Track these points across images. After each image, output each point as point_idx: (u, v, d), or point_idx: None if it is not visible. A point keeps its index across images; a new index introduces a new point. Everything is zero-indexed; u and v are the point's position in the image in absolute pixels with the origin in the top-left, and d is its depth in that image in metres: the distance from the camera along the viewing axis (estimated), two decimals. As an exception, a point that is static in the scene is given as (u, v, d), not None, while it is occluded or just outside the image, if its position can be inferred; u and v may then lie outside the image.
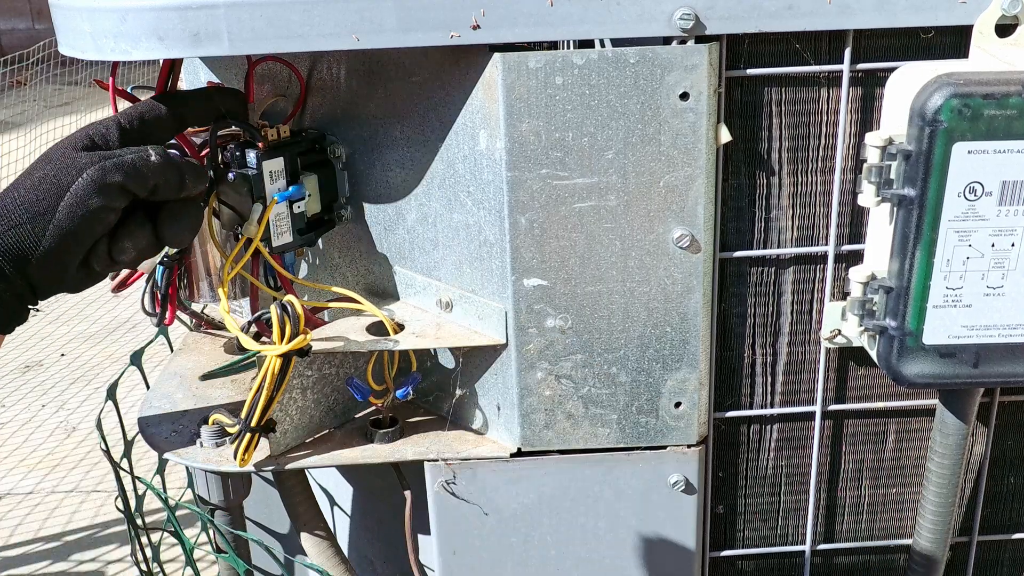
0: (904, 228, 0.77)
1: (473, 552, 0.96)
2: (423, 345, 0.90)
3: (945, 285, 0.78)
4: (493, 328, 0.88)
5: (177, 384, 1.06)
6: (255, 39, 0.76)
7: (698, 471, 0.92)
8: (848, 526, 0.99)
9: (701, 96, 0.79)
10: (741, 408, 0.93)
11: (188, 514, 1.89)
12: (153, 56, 0.77)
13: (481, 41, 0.77)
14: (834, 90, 0.83)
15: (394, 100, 0.88)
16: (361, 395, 0.93)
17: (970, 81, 0.72)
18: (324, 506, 1.19)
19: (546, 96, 0.79)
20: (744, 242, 0.87)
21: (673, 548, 0.95)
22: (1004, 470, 0.97)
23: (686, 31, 0.77)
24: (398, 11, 0.76)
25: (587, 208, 0.82)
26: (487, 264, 0.87)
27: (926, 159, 0.74)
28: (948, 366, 0.80)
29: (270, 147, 0.87)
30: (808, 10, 0.77)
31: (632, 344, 0.87)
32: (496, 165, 0.82)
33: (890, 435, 0.95)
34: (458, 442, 0.94)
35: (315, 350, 0.88)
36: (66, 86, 6.20)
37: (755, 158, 0.84)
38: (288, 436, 0.93)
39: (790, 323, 0.90)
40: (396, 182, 0.92)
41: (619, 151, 0.81)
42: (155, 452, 0.97)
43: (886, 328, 0.80)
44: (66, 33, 0.81)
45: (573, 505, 0.93)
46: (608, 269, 0.84)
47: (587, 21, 0.76)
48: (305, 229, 0.92)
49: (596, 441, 0.91)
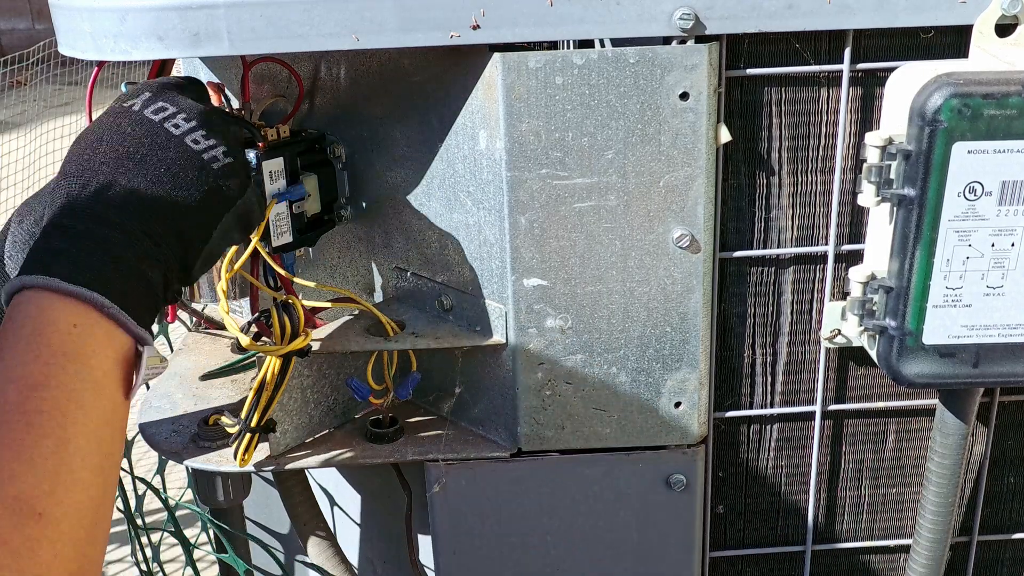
0: (904, 228, 0.77)
1: (473, 552, 0.96)
2: (423, 345, 0.90)
3: (945, 285, 0.78)
4: (493, 328, 0.88)
5: (177, 384, 1.06)
6: (255, 39, 0.76)
7: (698, 471, 0.92)
8: (848, 526, 0.99)
9: (701, 96, 0.79)
10: (741, 408, 0.93)
11: (188, 514, 1.89)
12: (153, 56, 0.77)
13: (481, 41, 0.77)
14: (834, 90, 0.83)
15: (394, 100, 0.88)
16: (361, 395, 0.93)
17: (970, 81, 0.72)
18: (324, 506, 1.18)
19: (546, 96, 0.79)
20: (744, 242, 0.87)
21: (673, 548, 0.95)
22: (1004, 470, 0.97)
23: (686, 31, 0.77)
24: (398, 11, 0.76)
25: (587, 208, 0.82)
26: (487, 264, 0.87)
27: (926, 159, 0.74)
28: (948, 366, 0.80)
29: (270, 147, 0.87)
30: (808, 10, 0.77)
31: (632, 344, 0.87)
32: (496, 165, 0.82)
33: (890, 435, 0.95)
34: (458, 442, 0.94)
35: (315, 350, 0.88)
36: (66, 86, 6.19)
37: (755, 158, 0.85)
38: (288, 436, 0.93)
39: (790, 323, 0.90)
40: (396, 182, 0.92)
41: (619, 151, 0.81)
42: (155, 452, 0.97)
43: (886, 328, 0.80)
44: (66, 33, 0.81)
45: (573, 505, 0.93)
46: (608, 269, 0.84)
47: (587, 21, 0.76)
48: (305, 229, 0.91)
49: (596, 441, 0.91)
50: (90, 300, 0.60)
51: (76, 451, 0.56)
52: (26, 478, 0.53)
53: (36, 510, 0.52)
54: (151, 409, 1.01)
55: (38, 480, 0.53)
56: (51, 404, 0.56)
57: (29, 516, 0.52)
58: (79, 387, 0.57)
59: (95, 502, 0.56)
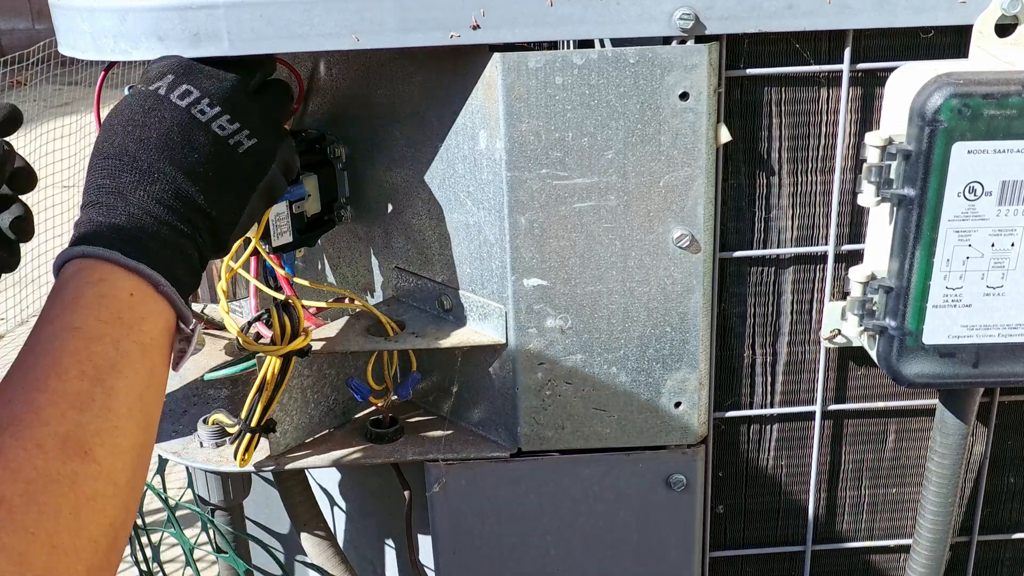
0: (904, 228, 0.77)
1: (473, 552, 0.96)
2: (423, 345, 0.90)
3: (945, 285, 0.78)
4: (493, 328, 0.88)
5: (177, 384, 1.06)
6: (255, 39, 0.76)
7: (698, 471, 0.92)
8: (848, 526, 0.99)
9: (701, 96, 0.79)
10: (741, 408, 0.93)
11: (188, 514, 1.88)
12: (153, 56, 0.77)
13: (481, 41, 0.77)
14: (834, 90, 0.83)
15: (394, 100, 0.88)
16: (361, 395, 0.93)
17: (970, 81, 0.72)
18: (324, 506, 1.18)
19: (546, 96, 0.79)
20: (744, 242, 0.87)
21: (673, 548, 0.95)
22: (1004, 470, 0.97)
23: (686, 31, 0.77)
24: (398, 11, 0.76)
25: (587, 208, 0.82)
26: (487, 264, 0.87)
27: (926, 159, 0.74)
28: (948, 366, 0.80)
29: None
30: (808, 10, 0.77)
31: (632, 344, 0.87)
32: (496, 165, 0.82)
33: (890, 435, 0.95)
34: (458, 442, 0.94)
35: (315, 350, 0.88)
36: (66, 86, 6.19)
37: (755, 158, 0.84)
38: (288, 436, 0.93)
39: (790, 323, 0.90)
40: (396, 182, 0.92)
41: (619, 151, 0.81)
42: (155, 452, 0.97)
43: (886, 328, 0.80)
44: (66, 33, 0.81)
45: (573, 505, 0.93)
46: (608, 269, 0.84)
47: (587, 21, 0.76)
48: (305, 229, 0.91)
49: (596, 441, 0.91)
50: (148, 276, 0.66)
51: (123, 401, 0.61)
52: (77, 419, 0.57)
53: (83, 448, 0.57)
54: (151, 409, 1.01)
55: (87, 421, 0.58)
56: (104, 358, 0.61)
57: (76, 453, 0.56)
58: (129, 347, 0.63)
59: (135, 452, 0.61)
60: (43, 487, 0.53)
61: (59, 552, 0.52)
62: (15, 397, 0.57)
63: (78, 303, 0.63)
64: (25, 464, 0.54)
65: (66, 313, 0.63)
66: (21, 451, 0.54)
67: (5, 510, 0.51)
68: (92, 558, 0.54)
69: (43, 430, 0.56)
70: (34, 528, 0.52)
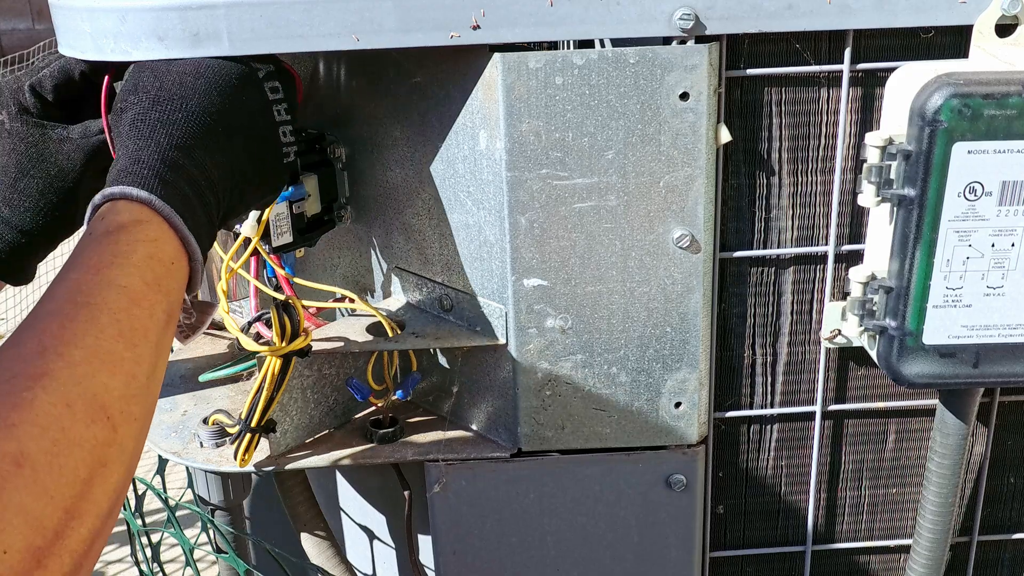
0: (904, 228, 0.77)
1: (473, 552, 0.96)
2: (423, 345, 0.90)
3: (945, 285, 0.78)
4: (493, 328, 0.88)
5: (177, 384, 1.06)
6: (255, 39, 0.76)
7: (698, 471, 0.92)
8: (848, 526, 0.99)
9: (701, 96, 0.79)
10: (741, 408, 0.93)
11: (188, 514, 1.89)
12: (153, 56, 0.77)
13: (481, 41, 0.77)
14: (834, 90, 0.83)
15: (394, 100, 0.88)
16: (361, 395, 0.93)
17: (970, 81, 0.72)
18: (324, 506, 1.18)
19: (546, 96, 0.79)
20: (744, 242, 0.87)
21: (673, 548, 0.95)
22: (1004, 470, 0.97)
23: (686, 31, 0.77)
24: (398, 11, 0.76)
25: (587, 208, 0.82)
26: (487, 264, 0.87)
27: (926, 159, 0.74)
28: (948, 366, 0.80)
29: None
30: (808, 10, 0.77)
31: (632, 344, 0.87)
32: (496, 165, 0.82)
33: (890, 435, 0.95)
34: (458, 442, 0.94)
35: (315, 351, 0.88)
36: (66, 86, 6.19)
37: (755, 158, 0.84)
38: (288, 436, 0.93)
39: (790, 323, 0.90)
40: (396, 182, 0.92)
41: (619, 151, 0.81)
42: (155, 452, 0.97)
43: (886, 328, 0.80)
44: (66, 33, 0.81)
45: (573, 505, 0.93)
46: (608, 269, 0.84)
47: (587, 21, 0.76)
48: (305, 229, 0.91)
49: (596, 441, 0.91)
50: (191, 252, 0.66)
51: (144, 369, 0.60)
52: (107, 382, 0.56)
53: (107, 412, 0.55)
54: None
55: (114, 385, 0.57)
56: (140, 321, 0.60)
57: (100, 417, 0.55)
58: (160, 316, 0.62)
59: (144, 421, 0.60)
60: (67, 449, 0.52)
61: (70, 516, 0.51)
62: (48, 347, 0.55)
63: (129, 259, 0.62)
64: (53, 424, 0.52)
65: (115, 267, 0.61)
66: (51, 408, 0.52)
67: (29, 469, 0.49)
68: (95, 522, 0.53)
69: (75, 389, 0.54)
70: (54, 491, 0.50)
